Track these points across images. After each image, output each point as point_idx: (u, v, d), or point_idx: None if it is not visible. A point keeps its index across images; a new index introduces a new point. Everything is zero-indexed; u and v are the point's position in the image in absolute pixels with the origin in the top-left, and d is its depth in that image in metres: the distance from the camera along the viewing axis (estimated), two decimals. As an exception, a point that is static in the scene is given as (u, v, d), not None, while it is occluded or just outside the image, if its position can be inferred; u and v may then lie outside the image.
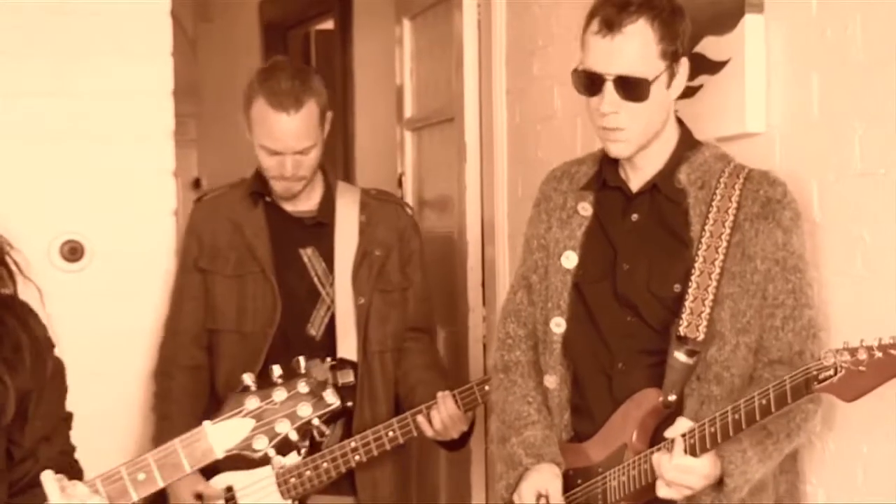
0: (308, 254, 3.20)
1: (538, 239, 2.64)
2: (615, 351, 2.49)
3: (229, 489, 3.11)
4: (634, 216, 2.52)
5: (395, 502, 3.25)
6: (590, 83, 2.44)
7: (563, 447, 2.55)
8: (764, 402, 2.20)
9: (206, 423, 1.88)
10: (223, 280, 3.18)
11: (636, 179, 2.54)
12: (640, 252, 2.50)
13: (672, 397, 2.42)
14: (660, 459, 2.33)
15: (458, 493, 4.11)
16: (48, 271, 3.41)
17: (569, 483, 2.52)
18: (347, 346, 3.14)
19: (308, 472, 3.09)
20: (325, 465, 3.08)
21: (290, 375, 1.93)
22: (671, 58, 2.44)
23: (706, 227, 2.43)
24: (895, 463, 2.34)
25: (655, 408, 2.44)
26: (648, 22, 2.39)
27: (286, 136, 3.06)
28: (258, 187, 3.22)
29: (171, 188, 3.57)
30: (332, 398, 1.91)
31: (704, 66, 2.77)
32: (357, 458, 3.10)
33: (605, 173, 2.58)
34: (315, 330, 3.17)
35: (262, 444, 1.87)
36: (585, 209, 2.58)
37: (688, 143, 2.54)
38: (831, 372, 2.13)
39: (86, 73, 3.46)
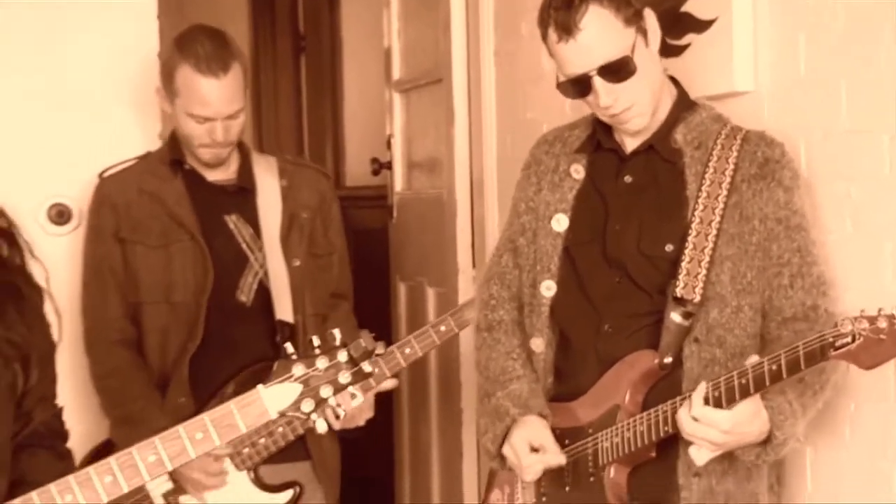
0: (233, 220, 3.13)
1: (526, 202, 2.62)
2: (602, 313, 2.47)
3: None
4: (628, 178, 2.50)
5: (338, 460, 3.21)
6: (578, 87, 2.42)
7: (550, 406, 2.51)
8: (774, 367, 2.17)
9: (260, 387, 1.98)
10: (146, 251, 3.08)
11: (631, 141, 2.51)
12: (631, 213, 2.47)
13: (668, 359, 2.38)
14: (679, 412, 2.25)
15: (449, 455, 4.12)
16: (36, 234, 3.37)
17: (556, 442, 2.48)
18: (283, 308, 3.08)
19: (263, 440, 3.00)
20: (280, 429, 2.99)
21: (326, 346, 2.02)
22: (635, 19, 2.40)
23: (703, 188, 2.41)
24: (882, 420, 2.35)
25: (650, 369, 2.40)
26: (598, 4, 2.35)
27: (217, 100, 3.00)
28: (177, 155, 3.15)
29: (159, 150, 3.55)
30: (368, 367, 2.01)
31: (692, 24, 2.76)
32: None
33: (599, 135, 2.55)
34: (245, 296, 3.10)
35: (309, 407, 1.98)
36: (578, 171, 2.56)
37: (684, 103, 2.52)
38: (849, 339, 2.09)
39: (71, 36, 3.44)
